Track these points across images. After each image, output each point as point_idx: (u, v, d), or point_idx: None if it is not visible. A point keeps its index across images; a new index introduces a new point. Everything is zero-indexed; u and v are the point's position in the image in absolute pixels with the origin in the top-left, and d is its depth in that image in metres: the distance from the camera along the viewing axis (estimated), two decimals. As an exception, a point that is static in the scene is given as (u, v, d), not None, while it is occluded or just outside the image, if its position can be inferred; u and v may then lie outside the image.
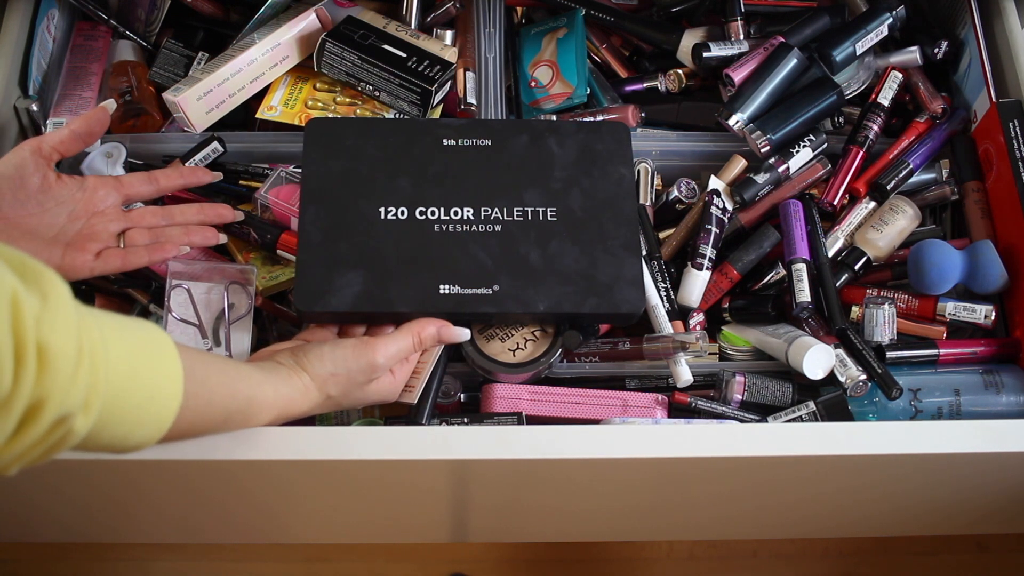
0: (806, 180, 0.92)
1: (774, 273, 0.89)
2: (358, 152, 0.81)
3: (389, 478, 0.76)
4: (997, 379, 0.81)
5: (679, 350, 0.81)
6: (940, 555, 1.46)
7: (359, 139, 0.82)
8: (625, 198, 0.81)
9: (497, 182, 0.81)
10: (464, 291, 0.76)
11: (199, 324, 0.81)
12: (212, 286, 0.83)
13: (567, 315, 0.78)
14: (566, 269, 0.78)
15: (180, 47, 0.97)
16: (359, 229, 0.78)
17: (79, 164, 0.91)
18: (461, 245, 0.78)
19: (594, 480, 0.79)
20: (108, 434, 0.52)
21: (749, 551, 1.47)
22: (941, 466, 0.76)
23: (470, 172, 0.81)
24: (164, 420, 0.55)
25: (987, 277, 0.84)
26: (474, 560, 1.45)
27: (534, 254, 0.78)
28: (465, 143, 0.83)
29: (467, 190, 0.80)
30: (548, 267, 0.78)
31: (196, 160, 0.88)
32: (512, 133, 0.83)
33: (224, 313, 0.82)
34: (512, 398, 0.80)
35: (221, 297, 0.82)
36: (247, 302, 0.83)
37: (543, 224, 0.79)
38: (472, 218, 0.79)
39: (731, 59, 0.95)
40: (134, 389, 0.52)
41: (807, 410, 0.80)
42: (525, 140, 0.83)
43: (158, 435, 0.56)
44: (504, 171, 0.82)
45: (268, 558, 1.45)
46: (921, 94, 0.96)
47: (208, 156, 0.89)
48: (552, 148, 0.83)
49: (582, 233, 0.79)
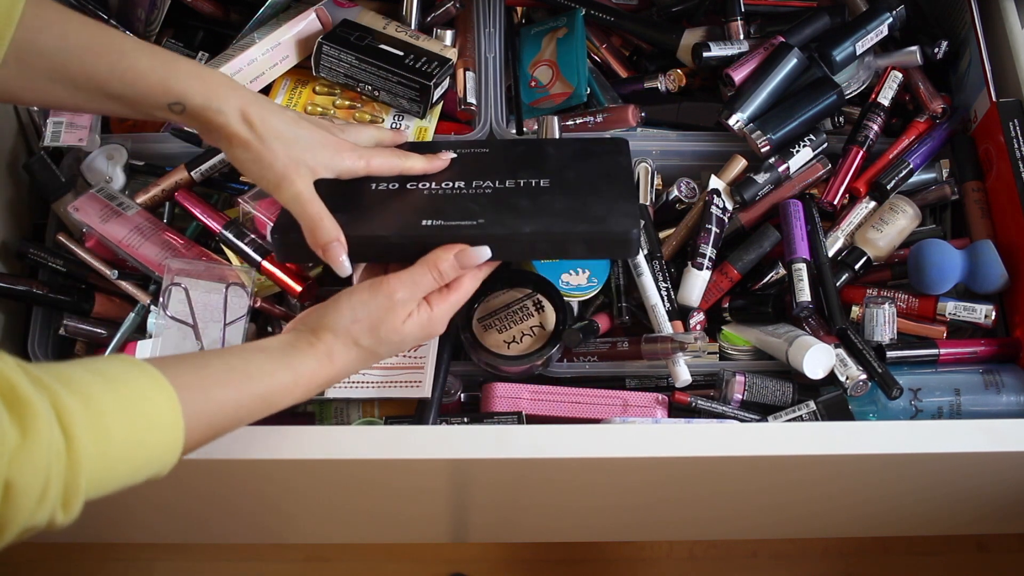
0: (806, 180, 0.92)
1: (774, 273, 0.89)
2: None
3: (389, 478, 0.76)
4: (997, 379, 0.81)
5: (678, 350, 0.81)
6: (940, 555, 1.46)
7: None
8: (622, 173, 0.79)
9: (491, 168, 0.80)
10: (447, 223, 0.73)
11: (194, 324, 0.81)
12: (211, 286, 0.83)
13: (556, 240, 0.73)
14: (556, 209, 0.75)
15: (180, 47, 0.97)
16: (349, 197, 0.76)
17: (79, 164, 0.91)
18: (450, 200, 0.77)
19: (594, 480, 0.79)
20: (110, 489, 0.54)
21: (749, 551, 1.47)
22: (941, 466, 0.76)
23: (466, 163, 0.81)
24: (168, 464, 0.57)
25: (987, 277, 0.84)
26: (474, 560, 1.45)
27: (524, 202, 0.76)
28: (463, 150, 0.82)
29: (461, 172, 0.80)
30: (537, 209, 0.75)
31: (203, 170, 0.89)
32: (510, 145, 0.84)
33: (222, 315, 0.82)
34: (512, 398, 0.80)
35: (219, 298, 0.82)
36: (245, 304, 0.83)
37: (536, 189, 0.77)
38: (463, 187, 0.78)
39: (731, 59, 0.95)
40: (132, 456, 0.54)
41: (807, 410, 0.80)
42: (522, 148, 0.83)
43: (165, 472, 0.57)
44: (500, 162, 0.81)
45: (268, 558, 1.45)
46: (921, 94, 0.96)
47: (215, 167, 0.89)
48: (550, 150, 0.83)
49: (576, 191, 0.77)
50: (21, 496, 0.47)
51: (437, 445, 0.69)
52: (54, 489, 0.49)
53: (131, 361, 0.57)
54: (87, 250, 0.88)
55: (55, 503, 0.49)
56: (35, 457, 0.47)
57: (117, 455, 0.53)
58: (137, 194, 0.89)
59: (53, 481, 0.49)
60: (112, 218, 0.86)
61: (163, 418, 0.56)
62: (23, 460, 0.47)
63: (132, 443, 0.54)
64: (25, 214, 0.93)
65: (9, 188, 0.91)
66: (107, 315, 0.88)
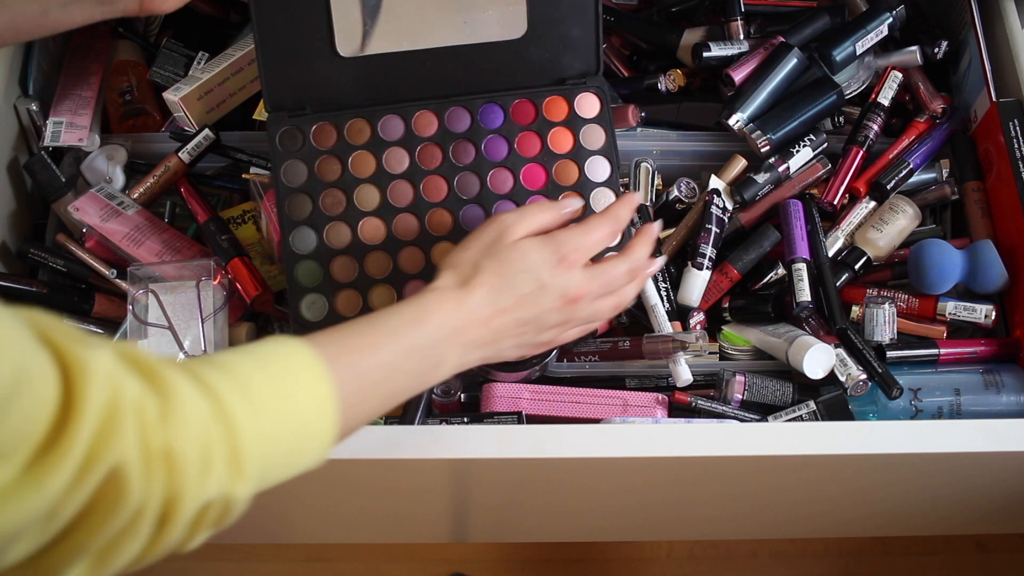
0: (806, 180, 0.92)
1: (774, 273, 0.89)
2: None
3: (389, 478, 0.76)
4: (997, 379, 0.81)
5: (679, 350, 0.81)
6: (940, 555, 1.46)
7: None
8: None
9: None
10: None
11: (170, 326, 0.81)
12: (182, 285, 0.82)
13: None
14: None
15: (180, 47, 0.97)
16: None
17: (79, 164, 0.91)
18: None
19: (594, 480, 0.79)
20: (271, 478, 0.52)
21: (749, 551, 1.47)
22: (941, 466, 0.76)
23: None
24: (324, 449, 0.55)
25: (987, 277, 0.84)
26: (474, 560, 1.45)
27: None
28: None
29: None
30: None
31: (188, 149, 0.89)
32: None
33: (198, 311, 0.81)
34: (512, 397, 0.80)
35: (192, 296, 0.81)
36: (221, 294, 0.82)
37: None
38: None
39: (731, 59, 0.95)
40: (286, 435, 0.52)
41: (807, 410, 0.80)
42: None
43: (321, 460, 0.55)
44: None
45: (268, 558, 1.45)
46: (921, 94, 0.96)
47: (200, 144, 0.89)
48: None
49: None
50: (183, 462, 0.45)
51: (437, 445, 0.69)
52: (217, 454, 0.47)
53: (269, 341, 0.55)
54: (87, 250, 0.88)
55: (223, 471, 0.47)
56: (184, 420, 0.46)
57: (271, 424, 0.51)
58: (133, 188, 0.89)
59: (214, 446, 0.47)
60: (112, 218, 0.86)
61: (311, 385, 0.54)
62: (172, 424, 0.45)
63: (285, 410, 0.52)
64: (25, 214, 0.93)
65: (9, 188, 0.91)
66: (107, 315, 0.88)
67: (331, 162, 0.81)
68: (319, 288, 0.79)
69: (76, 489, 0.41)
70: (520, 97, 0.84)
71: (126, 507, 0.43)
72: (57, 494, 0.40)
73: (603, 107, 0.84)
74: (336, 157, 0.82)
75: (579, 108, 0.84)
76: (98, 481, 0.42)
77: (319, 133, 0.82)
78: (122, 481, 0.43)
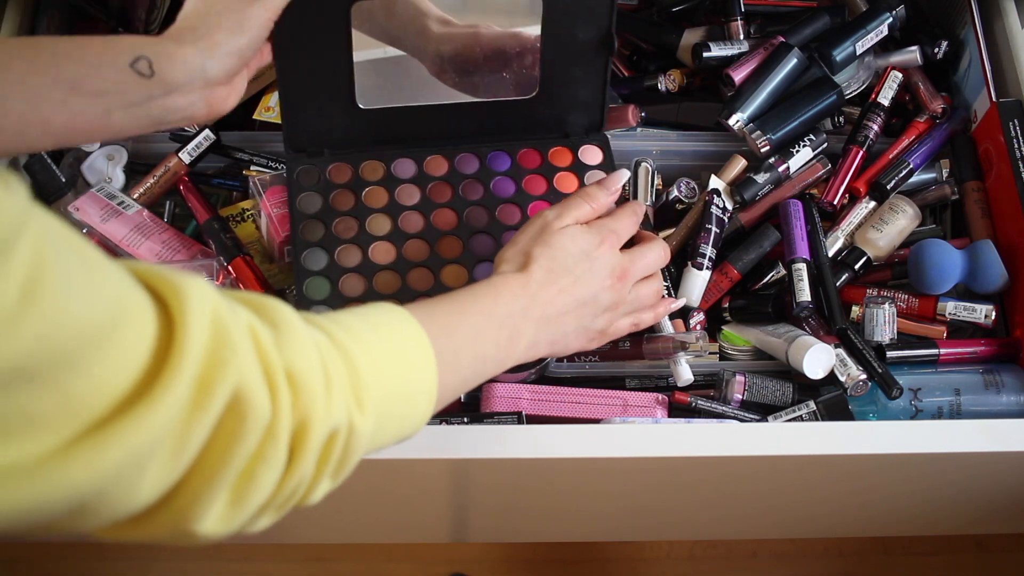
0: (806, 180, 0.92)
1: (774, 273, 0.89)
2: None
3: (389, 478, 0.76)
4: (997, 379, 0.81)
5: (679, 350, 0.81)
6: (940, 555, 1.46)
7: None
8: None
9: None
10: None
11: None
12: None
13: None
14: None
15: (180, 47, 0.97)
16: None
17: (79, 164, 0.91)
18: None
19: (594, 480, 0.79)
20: (384, 431, 0.53)
21: (749, 551, 1.47)
22: (941, 466, 0.76)
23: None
24: (429, 408, 0.57)
25: (987, 277, 0.84)
26: (474, 560, 1.45)
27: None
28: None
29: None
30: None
31: (188, 149, 0.89)
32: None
33: None
34: (512, 398, 0.80)
35: None
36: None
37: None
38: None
39: (731, 59, 0.95)
40: (398, 381, 0.53)
41: (807, 410, 0.80)
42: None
43: (424, 420, 0.57)
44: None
45: (268, 558, 1.45)
46: (921, 94, 0.96)
47: (200, 144, 0.90)
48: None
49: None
50: (309, 381, 0.45)
51: (437, 445, 0.69)
52: (338, 380, 0.47)
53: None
54: (87, 250, 0.88)
55: (348, 396, 0.48)
56: (302, 345, 0.46)
57: (384, 366, 0.52)
58: (133, 189, 0.89)
59: (335, 372, 0.47)
60: (112, 217, 0.86)
61: (415, 338, 0.56)
62: (289, 348, 0.45)
63: (394, 357, 0.53)
64: (25, 214, 0.93)
65: (9, 188, 0.90)
66: (107, 315, 0.88)
67: (345, 195, 0.84)
68: (326, 301, 0.81)
69: (197, 413, 0.40)
70: (527, 146, 0.88)
71: (255, 427, 0.43)
72: (172, 420, 0.39)
73: (605, 157, 0.89)
74: (350, 191, 0.84)
75: (583, 156, 0.88)
76: (221, 404, 0.41)
77: (335, 171, 0.85)
78: (246, 401, 0.42)
